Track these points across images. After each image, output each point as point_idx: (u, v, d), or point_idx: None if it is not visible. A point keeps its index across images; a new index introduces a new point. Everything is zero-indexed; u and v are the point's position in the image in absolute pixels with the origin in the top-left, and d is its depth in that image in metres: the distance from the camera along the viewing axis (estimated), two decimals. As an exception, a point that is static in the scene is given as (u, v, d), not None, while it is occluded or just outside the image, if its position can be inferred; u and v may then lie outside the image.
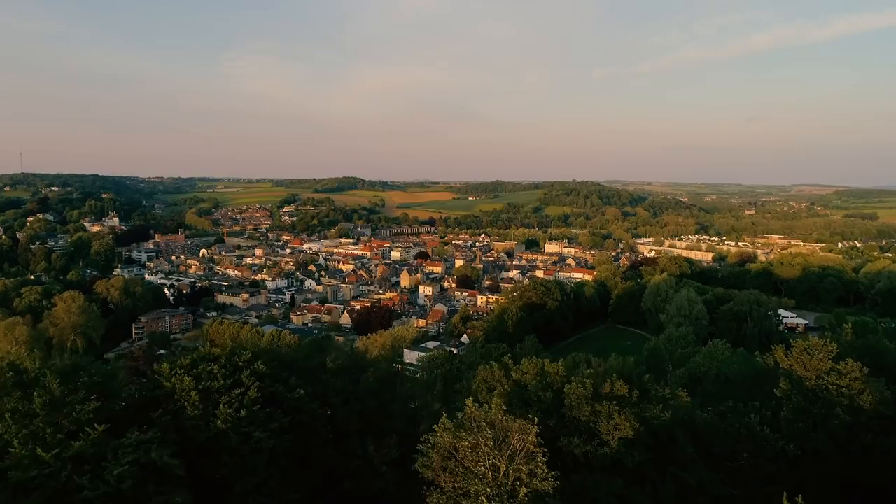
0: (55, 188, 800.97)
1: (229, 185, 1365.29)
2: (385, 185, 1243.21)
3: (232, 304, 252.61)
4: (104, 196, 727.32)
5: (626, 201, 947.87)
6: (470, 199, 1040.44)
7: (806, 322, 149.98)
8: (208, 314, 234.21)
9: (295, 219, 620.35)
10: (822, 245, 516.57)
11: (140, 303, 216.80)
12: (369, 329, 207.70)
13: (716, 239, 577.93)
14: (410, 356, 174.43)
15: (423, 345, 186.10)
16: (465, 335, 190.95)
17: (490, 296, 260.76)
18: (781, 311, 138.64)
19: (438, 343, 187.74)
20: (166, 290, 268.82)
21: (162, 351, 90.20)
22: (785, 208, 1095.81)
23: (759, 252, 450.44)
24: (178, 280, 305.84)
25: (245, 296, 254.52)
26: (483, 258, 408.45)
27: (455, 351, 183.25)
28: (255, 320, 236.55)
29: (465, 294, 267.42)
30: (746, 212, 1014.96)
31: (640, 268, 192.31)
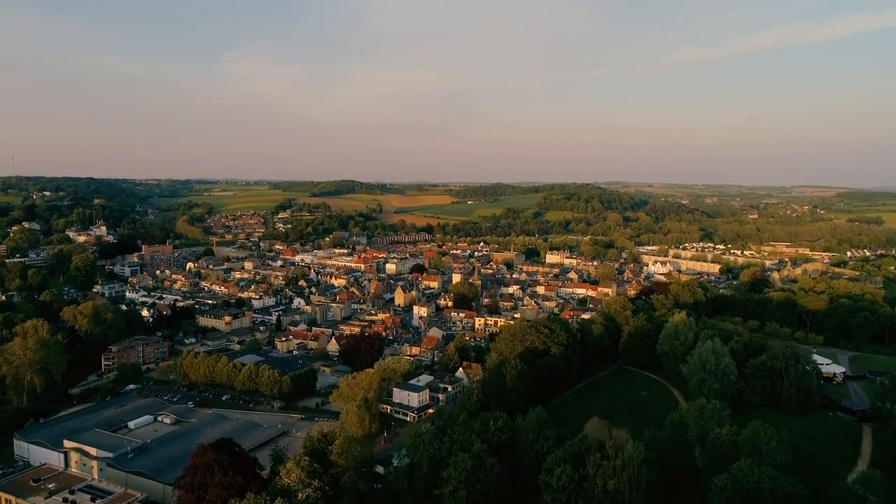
0: (47, 193, 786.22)
1: (227, 187, 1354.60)
2: (383, 189, 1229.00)
3: (213, 328, 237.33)
4: (96, 201, 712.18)
5: (628, 205, 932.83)
6: (469, 202, 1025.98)
7: (843, 370, 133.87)
8: (186, 340, 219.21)
9: (289, 226, 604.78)
10: (830, 254, 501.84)
11: (111, 330, 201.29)
12: (357, 359, 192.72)
13: (721, 247, 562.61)
14: (400, 396, 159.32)
15: (415, 380, 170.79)
16: (460, 369, 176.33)
17: (488, 317, 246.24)
18: (815, 357, 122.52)
19: (431, 378, 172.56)
20: (146, 311, 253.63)
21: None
22: (788, 212, 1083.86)
23: (768, 262, 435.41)
24: (160, 297, 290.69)
25: (227, 318, 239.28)
26: (482, 270, 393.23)
27: (449, 388, 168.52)
28: (237, 346, 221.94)
29: (461, 315, 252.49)
30: (749, 216, 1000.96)
31: (652, 296, 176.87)
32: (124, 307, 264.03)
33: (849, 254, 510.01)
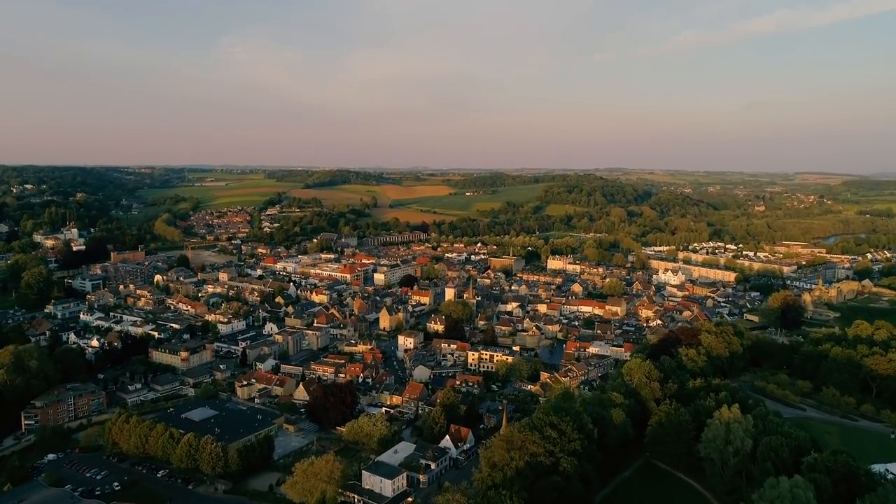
0: (28, 186, 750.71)
1: (221, 176, 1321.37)
2: (379, 179, 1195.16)
3: (168, 367, 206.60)
4: (77, 196, 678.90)
5: (631, 198, 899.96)
6: (467, 194, 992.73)
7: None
8: (131, 386, 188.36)
9: (276, 226, 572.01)
10: (850, 257, 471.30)
11: (36, 380, 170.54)
12: (326, 415, 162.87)
13: (732, 247, 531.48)
14: (370, 481, 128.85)
15: (392, 450, 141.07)
16: (446, 436, 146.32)
17: (483, 351, 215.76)
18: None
19: (413, 449, 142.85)
20: (95, 341, 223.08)
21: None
22: (795, 203, 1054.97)
23: (786, 269, 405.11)
24: (118, 320, 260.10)
25: (184, 354, 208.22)
26: (478, 280, 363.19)
27: (433, 466, 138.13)
28: (192, 391, 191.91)
29: (453, 348, 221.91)
30: (756, 207, 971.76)
31: (679, 349, 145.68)
32: (73, 335, 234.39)
33: (869, 256, 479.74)
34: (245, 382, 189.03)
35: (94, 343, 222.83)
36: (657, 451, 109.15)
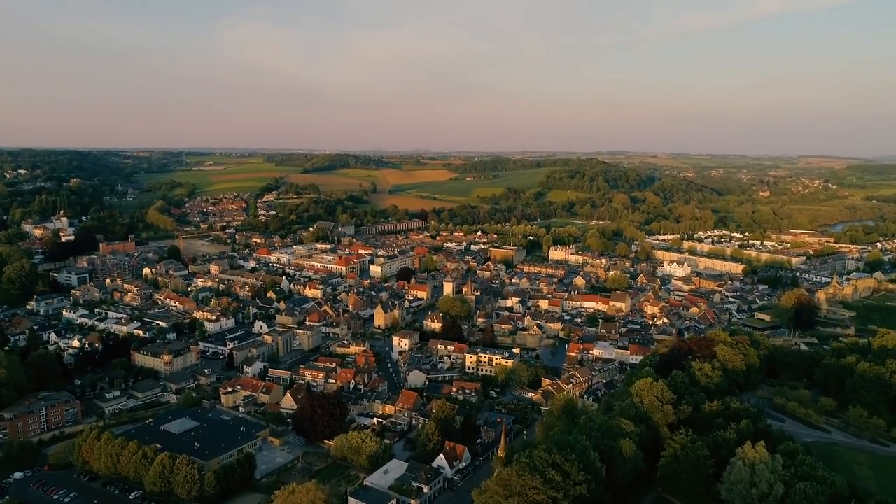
0: (22, 171, 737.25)
1: (219, 159, 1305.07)
2: (379, 163, 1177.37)
3: (151, 370, 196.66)
4: (72, 181, 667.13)
5: (634, 183, 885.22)
6: (468, 179, 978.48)
7: None
8: (108, 394, 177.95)
9: (272, 213, 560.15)
10: (860, 247, 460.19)
11: (6, 389, 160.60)
12: (313, 429, 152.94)
13: (737, 235, 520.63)
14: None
15: (382, 470, 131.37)
16: (440, 455, 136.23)
17: (481, 353, 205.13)
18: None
19: (404, 469, 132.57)
20: (76, 342, 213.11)
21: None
22: (800, 188, 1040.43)
23: (795, 260, 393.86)
24: (103, 317, 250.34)
25: (167, 357, 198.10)
26: (479, 271, 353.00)
27: (425, 490, 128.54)
28: (174, 397, 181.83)
29: (450, 349, 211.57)
30: (761, 193, 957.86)
31: (693, 363, 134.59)
32: (54, 335, 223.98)
33: (879, 245, 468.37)
34: (230, 389, 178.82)
35: (75, 343, 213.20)
36: (671, 487, 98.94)
